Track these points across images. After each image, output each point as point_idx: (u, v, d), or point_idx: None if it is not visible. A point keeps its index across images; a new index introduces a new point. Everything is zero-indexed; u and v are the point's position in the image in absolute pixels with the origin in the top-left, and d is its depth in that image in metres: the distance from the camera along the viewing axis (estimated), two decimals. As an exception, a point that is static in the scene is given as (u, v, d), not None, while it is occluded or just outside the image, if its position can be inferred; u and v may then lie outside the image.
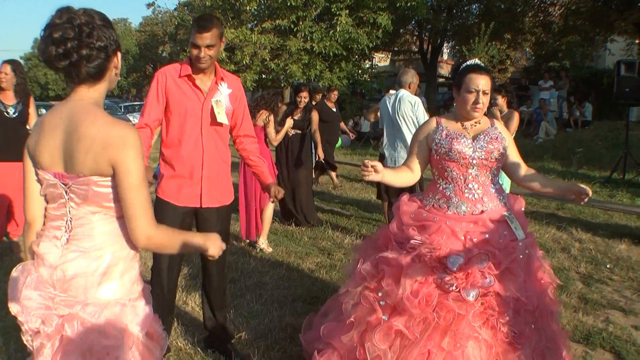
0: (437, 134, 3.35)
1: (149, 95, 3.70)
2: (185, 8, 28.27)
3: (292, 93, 7.43)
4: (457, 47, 27.25)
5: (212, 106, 3.65)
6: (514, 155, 3.43)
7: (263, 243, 6.81)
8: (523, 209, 3.42)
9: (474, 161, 3.23)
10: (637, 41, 20.87)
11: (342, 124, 12.22)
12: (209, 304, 4.07)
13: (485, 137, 3.28)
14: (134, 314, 2.09)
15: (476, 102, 3.22)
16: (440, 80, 32.56)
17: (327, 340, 3.36)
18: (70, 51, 1.91)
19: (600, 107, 19.29)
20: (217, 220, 3.83)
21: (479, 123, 3.38)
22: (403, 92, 6.96)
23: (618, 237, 7.41)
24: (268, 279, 5.68)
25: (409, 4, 20.67)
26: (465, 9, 26.50)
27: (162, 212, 3.69)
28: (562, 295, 5.33)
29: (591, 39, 22.37)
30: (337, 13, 20.58)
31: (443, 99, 26.71)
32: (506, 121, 7.22)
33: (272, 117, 6.83)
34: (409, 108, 6.83)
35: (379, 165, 3.05)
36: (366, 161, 3.05)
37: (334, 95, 11.69)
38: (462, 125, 3.36)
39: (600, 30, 21.19)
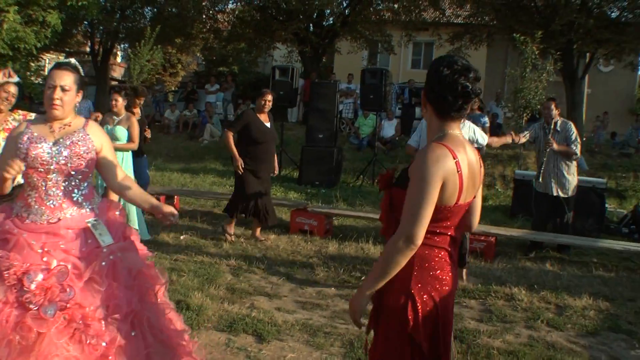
0: (20, 138, 3.11)
1: None
2: None
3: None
4: (129, 50, 26.71)
5: None
6: (109, 160, 3.30)
7: None
8: (118, 213, 3.32)
9: (53, 166, 3.05)
10: (296, 50, 22.72)
11: None
12: None
13: (67, 141, 3.10)
14: None
15: (50, 97, 3.06)
16: (113, 83, 31.77)
17: None
18: None
19: (269, 111, 20.66)
20: None
21: (69, 125, 3.18)
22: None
23: (270, 228, 8.13)
24: None
25: (80, 3, 19.85)
26: (139, 11, 26.16)
27: None
28: (210, 288, 5.58)
29: (256, 45, 23.83)
30: (5, 9, 18.86)
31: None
32: (126, 122, 7.00)
33: None
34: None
35: None
36: None
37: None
38: (51, 128, 3.15)
39: (264, 38, 22.77)
